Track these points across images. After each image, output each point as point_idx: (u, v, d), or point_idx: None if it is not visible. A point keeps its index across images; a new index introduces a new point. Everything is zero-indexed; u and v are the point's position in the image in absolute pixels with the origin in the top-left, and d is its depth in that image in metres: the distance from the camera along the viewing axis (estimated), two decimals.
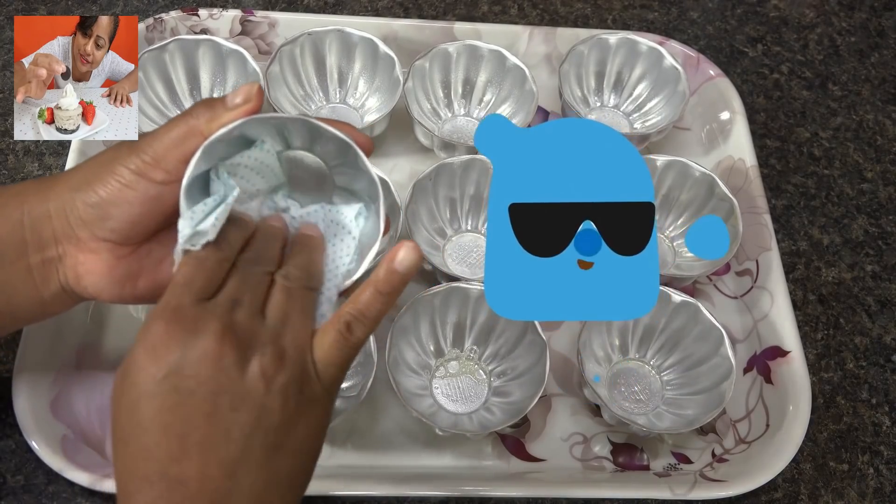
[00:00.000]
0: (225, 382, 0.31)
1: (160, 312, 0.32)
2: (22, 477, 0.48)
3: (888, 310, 0.61)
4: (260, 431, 0.32)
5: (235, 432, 0.31)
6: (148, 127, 0.59)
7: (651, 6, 0.76)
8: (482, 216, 0.60)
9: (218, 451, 0.31)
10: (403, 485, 0.48)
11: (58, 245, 0.38)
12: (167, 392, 0.31)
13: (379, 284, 0.35)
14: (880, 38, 0.77)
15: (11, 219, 0.37)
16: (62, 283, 0.39)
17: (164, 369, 0.31)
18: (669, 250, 0.61)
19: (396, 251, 0.35)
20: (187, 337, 0.31)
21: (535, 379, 0.50)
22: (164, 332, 0.31)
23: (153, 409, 0.31)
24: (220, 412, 0.31)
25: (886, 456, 0.54)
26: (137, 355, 0.31)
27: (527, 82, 0.62)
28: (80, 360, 0.51)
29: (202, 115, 0.36)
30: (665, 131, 0.63)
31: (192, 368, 0.31)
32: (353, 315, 0.35)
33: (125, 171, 0.36)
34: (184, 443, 0.30)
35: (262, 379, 0.32)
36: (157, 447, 0.31)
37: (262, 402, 0.32)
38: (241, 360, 0.32)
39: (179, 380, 0.31)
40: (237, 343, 0.32)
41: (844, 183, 0.67)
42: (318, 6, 0.73)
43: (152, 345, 0.31)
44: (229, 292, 0.34)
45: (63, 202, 0.37)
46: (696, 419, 0.50)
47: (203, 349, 0.31)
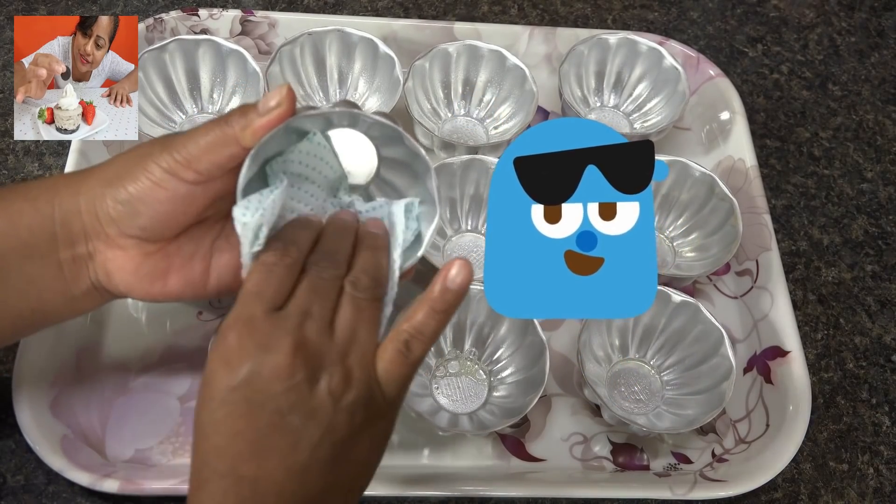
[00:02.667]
0: (294, 399, 0.32)
1: (233, 323, 0.33)
2: (22, 477, 0.48)
3: (888, 310, 0.61)
4: (326, 444, 0.33)
5: (303, 443, 0.33)
6: (148, 127, 0.59)
7: (651, 6, 0.76)
8: (482, 216, 0.60)
9: (285, 457, 0.32)
10: (403, 485, 0.48)
11: (87, 241, 0.38)
12: (238, 401, 0.32)
13: (434, 303, 0.36)
14: (880, 38, 0.77)
15: (42, 212, 0.37)
16: (93, 280, 0.39)
17: (236, 380, 0.32)
18: (669, 250, 0.61)
19: (449, 269, 0.36)
20: (259, 352, 0.32)
21: (535, 379, 0.50)
22: (237, 345, 0.32)
23: (225, 414, 0.32)
24: (288, 425, 0.32)
25: (886, 456, 0.54)
26: (213, 363, 0.33)
27: (527, 82, 0.62)
28: (80, 360, 0.51)
29: (237, 123, 0.36)
30: (665, 131, 0.63)
31: (262, 383, 0.32)
32: (410, 334, 0.36)
33: (156, 168, 0.36)
34: (253, 447, 0.32)
35: (330, 397, 0.33)
36: (228, 447, 0.32)
37: (329, 419, 0.33)
38: (310, 378, 0.33)
39: (251, 392, 0.32)
40: (307, 361, 0.33)
41: (844, 183, 0.67)
42: (318, 6, 0.73)
43: (226, 355, 0.32)
44: (300, 303, 0.34)
45: (94, 197, 0.37)
46: (696, 419, 0.50)
47: (274, 366, 0.32)
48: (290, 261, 0.35)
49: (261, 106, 0.35)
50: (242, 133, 0.35)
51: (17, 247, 0.37)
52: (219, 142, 0.36)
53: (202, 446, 0.33)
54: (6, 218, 0.37)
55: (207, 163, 0.36)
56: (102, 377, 0.51)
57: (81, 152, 0.56)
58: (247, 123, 0.35)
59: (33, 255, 0.37)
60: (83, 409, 0.49)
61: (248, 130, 0.35)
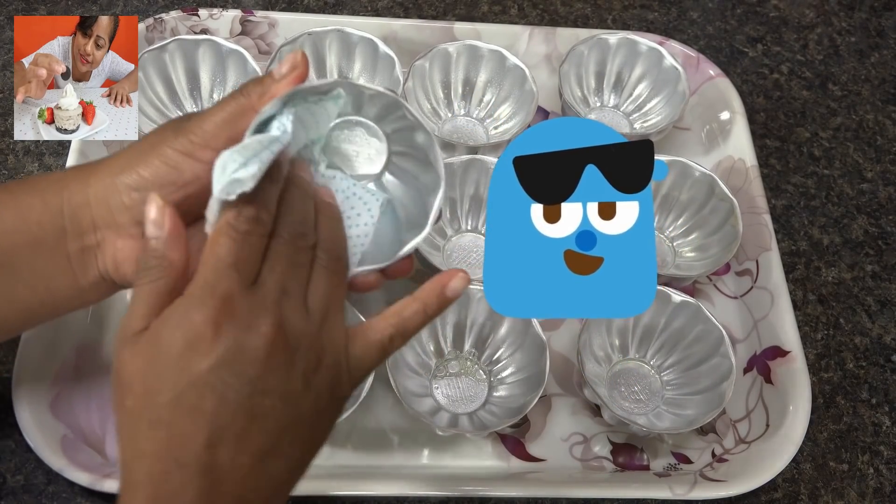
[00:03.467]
0: (270, 382, 0.32)
1: (207, 296, 0.31)
2: (22, 477, 0.48)
3: (888, 310, 0.61)
4: (292, 426, 0.32)
5: (271, 425, 0.32)
6: (148, 127, 0.59)
7: (651, 6, 0.76)
8: (482, 216, 0.60)
9: (253, 441, 0.31)
10: (403, 485, 0.48)
11: (96, 232, 0.38)
12: (213, 385, 0.30)
13: (428, 305, 0.36)
14: (880, 38, 0.77)
15: (51, 206, 0.37)
16: (101, 270, 0.38)
17: (212, 361, 0.30)
18: (669, 250, 0.61)
19: (450, 277, 0.36)
20: (240, 332, 0.31)
21: (535, 379, 0.50)
22: (214, 322, 0.31)
23: (196, 398, 0.30)
24: (261, 408, 0.31)
25: (886, 456, 0.54)
26: (177, 338, 0.30)
27: (527, 82, 0.62)
28: (80, 360, 0.51)
29: (253, 92, 0.36)
30: (665, 131, 0.63)
31: (241, 366, 0.31)
32: (395, 329, 0.36)
33: (171, 151, 0.36)
34: (222, 433, 0.31)
35: (303, 378, 0.33)
36: (195, 435, 0.30)
37: (298, 399, 0.33)
38: (287, 361, 0.32)
39: (228, 375, 0.31)
40: (286, 344, 0.32)
41: (844, 183, 0.67)
42: (318, 6, 0.73)
43: (199, 332, 0.30)
44: (277, 279, 0.33)
45: (104, 187, 0.37)
46: (696, 419, 0.50)
47: (254, 349, 0.31)
48: (263, 230, 0.33)
49: (276, 72, 0.36)
50: (260, 101, 0.35)
51: (26, 241, 0.37)
52: (236, 114, 0.36)
53: (156, 436, 0.30)
54: (15, 212, 0.37)
55: (225, 139, 0.35)
56: (102, 377, 0.51)
57: (81, 152, 0.56)
58: (264, 90, 0.36)
59: (42, 248, 0.37)
60: (83, 409, 0.49)
61: (266, 97, 0.35)
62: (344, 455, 0.50)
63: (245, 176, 0.32)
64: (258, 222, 0.33)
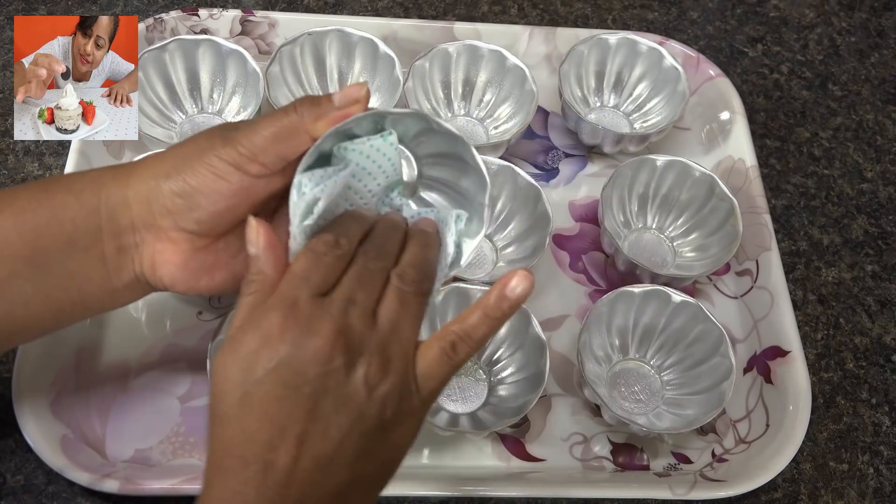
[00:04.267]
0: (330, 384, 0.32)
1: (277, 304, 0.33)
2: (22, 477, 0.48)
3: (888, 310, 0.61)
4: (355, 435, 0.33)
5: (333, 431, 0.32)
6: (148, 127, 0.59)
7: (651, 6, 0.76)
8: None
9: (314, 445, 0.32)
10: (403, 485, 0.48)
11: (135, 233, 0.38)
12: (275, 383, 0.31)
13: (489, 309, 0.36)
14: (880, 38, 0.77)
15: (88, 205, 0.37)
16: (136, 272, 0.39)
17: (276, 360, 0.32)
18: (669, 250, 0.61)
19: (510, 278, 0.35)
20: (301, 334, 0.32)
21: (535, 379, 0.50)
22: (280, 325, 0.32)
23: (260, 396, 0.31)
24: (321, 411, 0.32)
25: (886, 456, 0.54)
26: (249, 340, 0.32)
27: (527, 82, 0.62)
28: (80, 360, 0.51)
29: (307, 114, 0.36)
30: (665, 131, 0.63)
31: (301, 366, 0.32)
32: (458, 335, 0.35)
33: (218, 161, 0.36)
34: (284, 433, 0.31)
35: (366, 386, 0.33)
36: (259, 432, 0.31)
37: (362, 407, 0.33)
38: (348, 364, 0.32)
39: (289, 374, 0.32)
40: (347, 347, 0.32)
41: (844, 183, 0.67)
42: (318, 6, 0.73)
43: (267, 334, 0.32)
44: (345, 291, 0.34)
45: (147, 189, 0.37)
46: (696, 419, 0.50)
47: (315, 349, 0.32)
48: (339, 252, 0.35)
49: (339, 98, 0.36)
50: (314, 124, 0.36)
51: (60, 240, 0.37)
52: (286, 133, 0.36)
53: (223, 432, 0.32)
54: (49, 211, 0.37)
55: (273, 155, 0.36)
56: (102, 377, 0.51)
57: (81, 152, 0.56)
58: (321, 114, 0.36)
59: (76, 248, 0.37)
60: (83, 409, 0.49)
61: (321, 122, 0.35)
62: None
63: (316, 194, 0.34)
64: (336, 246, 0.35)
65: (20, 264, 0.37)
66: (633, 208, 0.61)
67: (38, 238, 0.37)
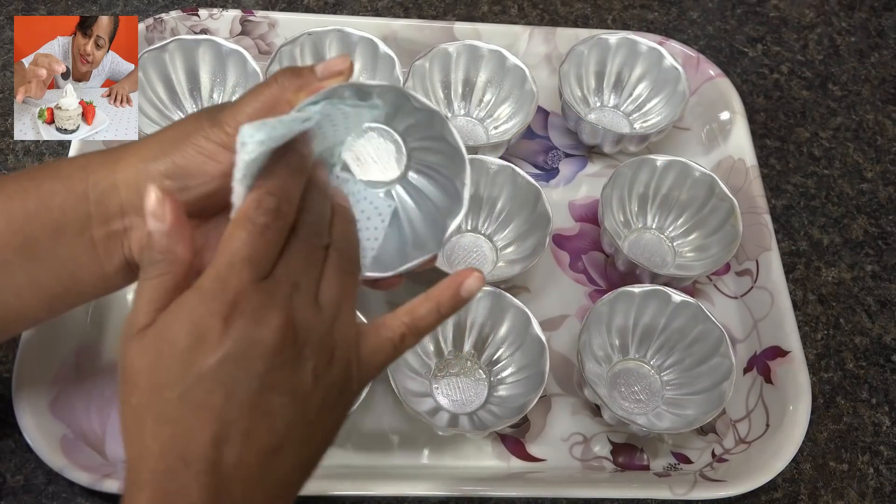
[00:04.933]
0: (277, 378, 0.31)
1: (218, 291, 0.30)
2: (22, 477, 0.48)
3: (888, 310, 0.61)
4: (300, 424, 0.32)
5: (278, 423, 0.31)
6: (148, 127, 0.59)
7: (651, 6, 0.76)
8: (482, 216, 0.60)
9: (260, 439, 0.31)
10: (403, 485, 0.48)
11: (124, 217, 0.37)
12: (221, 379, 0.30)
13: (442, 304, 0.35)
14: (880, 38, 0.77)
15: (76, 191, 0.37)
16: (127, 256, 0.38)
17: (220, 354, 0.30)
18: (669, 250, 0.61)
19: (465, 277, 0.35)
20: (249, 325, 0.30)
21: (535, 379, 0.50)
22: (224, 316, 0.30)
23: (204, 393, 0.30)
24: (268, 404, 0.31)
25: (886, 456, 0.54)
26: (184, 334, 0.30)
27: (527, 82, 0.62)
28: (80, 360, 0.51)
29: (289, 84, 0.35)
30: (665, 131, 0.63)
31: (249, 360, 0.30)
32: (408, 327, 0.35)
33: (206, 142, 0.35)
34: (228, 429, 0.30)
35: (312, 374, 0.32)
36: (202, 431, 0.30)
37: (307, 396, 0.32)
38: (296, 356, 0.32)
39: (236, 369, 0.30)
40: (295, 338, 0.31)
41: (844, 183, 0.67)
42: (318, 6, 0.73)
43: (208, 327, 0.30)
44: (290, 274, 0.32)
45: (136, 172, 0.36)
46: (696, 419, 0.50)
47: (263, 344, 0.30)
48: (282, 224, 0.33)
49: (322, 69, 0.35)
50: (296, 95, 0.35)
51: (49, 228, 0.37)
52: (270, 104, 0.35)
53: (162, 432, 0.30)
54: (37, 199, 0.37)
55: None
56: (102, 377, 0.51)
57: (81, 152, 0.56)
58: (302, 84, 0.35)
59: (65, 234, 0.37)
60: (83, 409, 0.49)
61: (303, 92, 0.35)
62: (344, 455, 0.50)
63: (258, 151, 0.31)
64: (278, 215, 0.32)
65: (10, 253, 0.37)
66: (633, 208, 0.61)
67: (27, 226, 0.37)
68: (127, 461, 0.31)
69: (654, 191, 0.61)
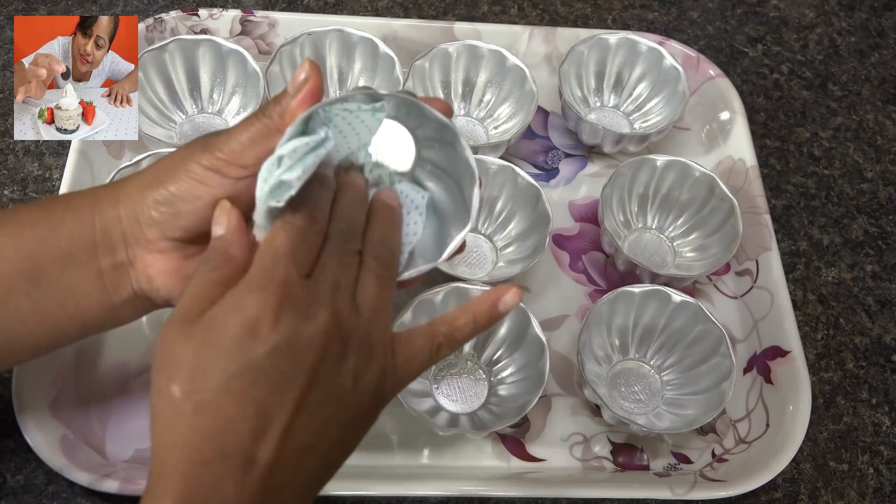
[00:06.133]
0: (321, 375, 0.31)
1: (266, 283, 0.31)
2: (22, 477, 0.48)
3: (888, 310, 0.61)
4: (335, 425, 0.32)
5: (315, 422, 0.31)
6: (148, 127, 0.59)
7: (651, 6, 0.76)
8: (482, 216, 0.60)
9: (296, 437, 0.31)
10: (403, 485, 0.48)
11: (127, 248, 0.38)
12: (268, 370, 0.30)
13: (478, 317, 0.36)
14: (880, 38, 0.77)
15: (83, 221, 0.37)
16: (135, 287, 0.39)
17: (269, 345, 0.30)
18: (669, 250, 0.61)
19: (504, 292, 0.36)
20: (297, 321, 0.30)
21: (535, 379, 0.50)
22: (275, 309, 0.30)
23: (249, 384, 0.30)
24: (309, 401, 0.31)
25: (886, 456, 0.54)
26: (233, 323, 0.30)
27: (527, 82, 0.62)
28: (80, 360, 0.51)
29: (274, 113, 0.36)
30: (665, 131, 0.63)
31: (298, 353, 0.30)
32: (445, 336, 0.36)
33: (198, 167, 0.36)
34: (269, 423, 0.30)
35: (353, 375, 0.32)
36: (244, 421, 0.29)
37: (345, 396, 0.32)
38: (341, 354, 0.32)
39: (283, 361, 0.30)
40: (341, 337, 0.32)
41: (844, 183, 0.67)
42: (318, 6, 0.73)
43: (258, 317, 0.30)
44: (331, 274, 0.33)
45: (133, 203, 0.37)
46: (696, 419, 0.50)
47: (311, 338, 0.31)
48: (318, 228, 0.33)
49: (290, 87, 0.35)
50: (281, 120, 0.35)
51: (56, 255, 0.37)
52: (261, 135, 0.36)
53: (202, 420, 0.29)
54: (47, 226, 0.37)
55: (252, 157, 0.35)
56: (102, 377, 0.51)
57: (81, 152, 0.56)
58: (283, 109, 0.35)
59: (72, 263, 0.37)
60: (83, 408, 0.49)
61: (287, 116, 0.35)
62: None
63: (291, 178, 0.32)
64: (314, 220, 0.33)
65: (18, 280, 0.37)
66: (633, 208, 0.61)
67: (36, 253, 0.37)
68: (154, 452, 0.31)
69: (654, 191, 0.61)
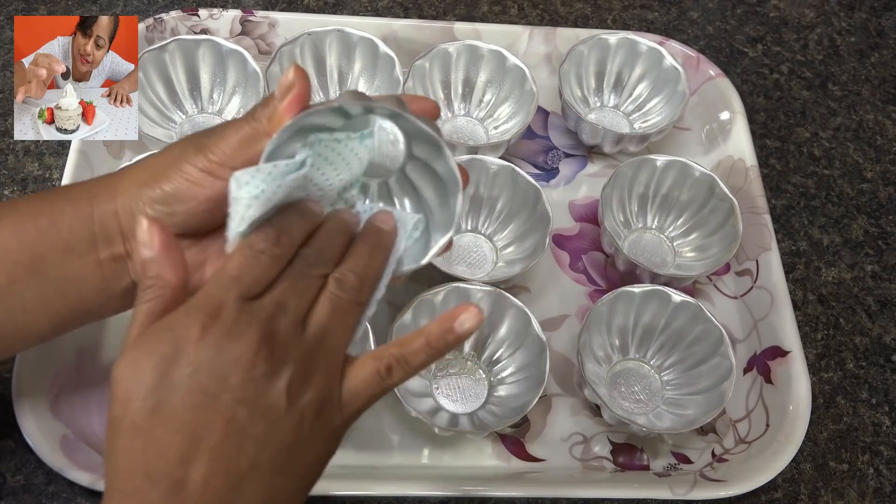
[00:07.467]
0: (251, 393, 0.31)
1: (202, 304, 0.31)
2: (22, 477, 0.48)
3: (888, 310, 0.61)
4: (271, 448, 0.31)
5: (248, 445, 0.31)
6: (148, 127, 0.59)
7: (651, 6, 0.76)
8: (482, 216, 0.60)
9: (227, 460, 0.30)
10: (403, 485, 0.48)
11: (125, 242, 0.38)
12: (193, 390, 0.30)
13: (432, 339, 0.34)
14: (880, 38, 0.77)
15: (82, 213, 0.38)
16: (133, 278, 0.39)
17: (194, 365, 0.30)
18: (669, 250, 0.61)
19: (459, 312, 0.34)
20: (224, 339, 0.31)
21: (535, 379, 0.50)
22: (201, 328, 0.30)
23: (174, 404, 0.30)
24: (238, 421, 0.30)
25: (886, 456, 0.54)
26: (163, 344, 0.30)
27: (527, 82, 0.62)
28: (80, 360, 0.51)
29: (263, 116, 0.36)
30: (665, 131, 0.63)
31: (222, 372, 0.30)
32: (396, 359, 0.34)
33: (191, 168, 0.36)
34: (197, 445, 0.30)
35: (286, 395, 0.31)
36: (171, 446, 0.29)
37: (279, 418, 0.31)
38: (271, 372, 0.31)
39: (208, 380, 0.30)
40: (271, 354, 0.31)
41: (844, 183, 0.67)
42: (318, 6, 0.73)
43: (184, 336, 0.30)
44: (276, 295, 0.33)
45: (130, 198, 0.38)
46: (696, 419, 0.50)
47: (237, 356, 0.30)
48: (279, 252, 0.33)
49: (277, 91, 0.35)
50: (269, 124, 0.35)
51: (57, 245, 0.38)
52: (249, 139, 0.36)
53: (133, 445, 0.30)
54: (48, 217, 0.38)
55: (242, 160, 0.36)
56: (102, 377, 0.51)
57: (81, 152, 0.56)
58: (271, 114, 0.35)
59: (73, 253, 0.38)
60: (83, 409, 0.49)
61: (274, 121, 0.35)
62: (344, 455, 0.50)
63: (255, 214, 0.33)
64: (276, 244, 0.33)
65: (20, 271, 0.38)
66: (633, 208, 0.61)
67: (37, 244, 0.38)
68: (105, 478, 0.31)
69: (654, 191, 0.61)
